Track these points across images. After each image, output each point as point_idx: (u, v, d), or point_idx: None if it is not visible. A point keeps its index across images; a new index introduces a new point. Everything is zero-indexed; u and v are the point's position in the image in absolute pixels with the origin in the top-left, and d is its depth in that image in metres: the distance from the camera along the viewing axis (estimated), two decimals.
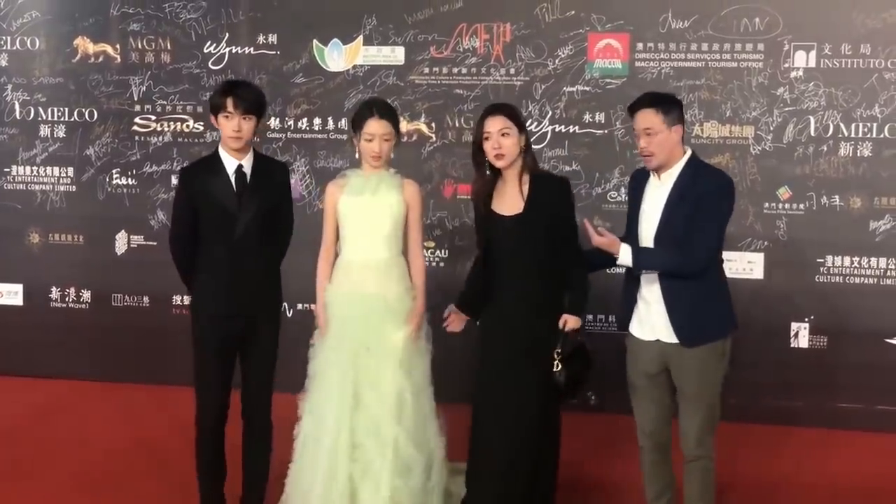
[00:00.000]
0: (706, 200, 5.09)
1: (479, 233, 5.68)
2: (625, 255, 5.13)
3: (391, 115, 5.63)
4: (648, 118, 5.16)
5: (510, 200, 5.46)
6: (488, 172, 5.53)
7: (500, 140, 5.36)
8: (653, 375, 5.32)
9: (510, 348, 5.48)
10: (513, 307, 5.49)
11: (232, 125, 5.49)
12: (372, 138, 5.55)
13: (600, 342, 5.96)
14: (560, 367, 5.30)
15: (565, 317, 5.37)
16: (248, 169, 5.61)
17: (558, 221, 5.40)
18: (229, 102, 5.47)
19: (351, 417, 5.49)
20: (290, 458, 5.72)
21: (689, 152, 5.24)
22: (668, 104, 5.19)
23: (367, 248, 5.66)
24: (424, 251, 6.02)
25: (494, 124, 5.39)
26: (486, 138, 5.40)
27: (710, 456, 5.34)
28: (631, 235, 5.33)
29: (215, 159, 5.65)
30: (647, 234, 5.23)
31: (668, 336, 5.21)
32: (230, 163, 5.60)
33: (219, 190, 5.57)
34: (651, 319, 5.27)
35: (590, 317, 7.60)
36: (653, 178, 5.27)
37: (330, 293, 5.70)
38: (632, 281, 5.35)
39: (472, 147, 5.54)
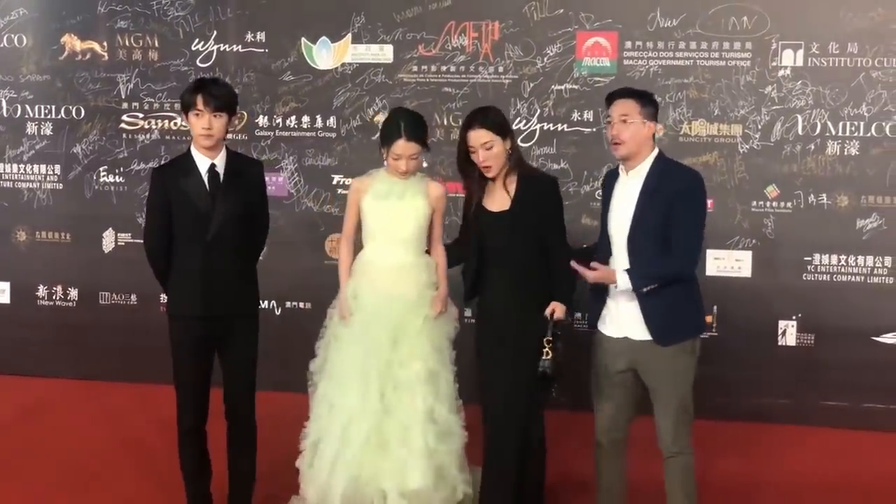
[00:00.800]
0: (684, 200, 5.13)
1: (463, 224, 5.76)
2: (623, 282, 5.14)
3: (419, 135, 5.62)
4: (627, 106, 5.20)
5: (498, 199, 5.52)
6: (478, 177, 5.57)
7: (486, 154, 5.42)
8: (618, 373, 5.34)
9: (496, 345, 5.54)
10: (500, 303, 5.56)
11: (202, 123, 5.45)
12: (399, 157, 5.59)
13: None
14: (550, 354, 5.31)
15: (553, 304, 5.41)
16: (221, 168, 5.56)
17: (545, 220, 5.45)
18: (199, 100, 5.43)
19: (377, 404, 5.53)
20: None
21: (657, 150, 5.28)
22: (648, 99, 5.27)
23: (392, 250, 5.73)
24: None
25: (478, 138, 5.43)
26: (472, 152, 5.45)
27: (688, 452, 5.37)
28: (603, 236, 5.39)
29: (188, 158, 5.60)
30: (619, 231, 5.25)
31: (638, 333, 5.24)
32: (203, 162, 5.55)
33: (191, 190, 5.53)
34: (620, 317, 5.30)
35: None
36: (622, 176, 5.32)
37: (352, 290, 5.74)
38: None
39: (457, 155, 5.58)
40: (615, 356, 5.34)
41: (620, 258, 5.24)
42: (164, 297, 8.20)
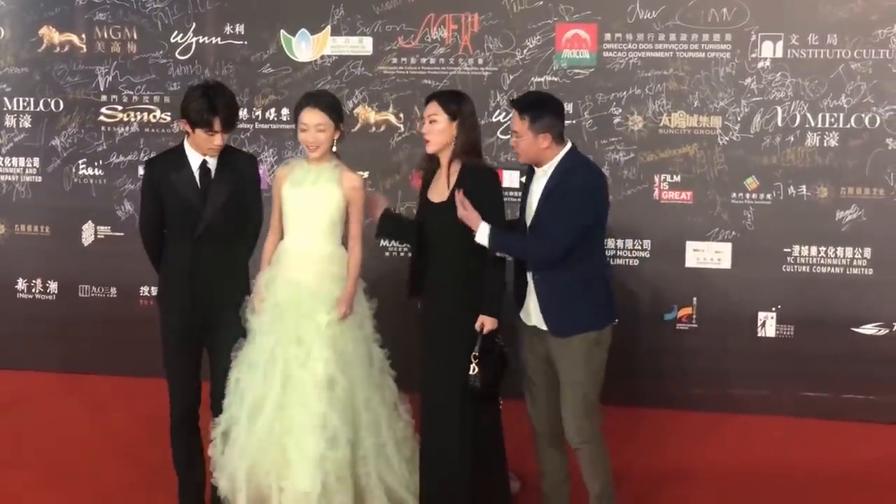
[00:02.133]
0: (562, 198, 5.23)
1: (416, 216, 5.78)
2: (481, 235, 5.28)
3: (326, 106, 5.63)
4: (516, 122, 5.33)
5: (440, 188, 5.53)
6: (428, 155, 5.63)
7: (428, 126, 5.48)
8: (539, 361, 5.49)
9: (431, 341, 5.58)
10: (435, 297, 5.58)
11: (216, 141, 5.52)
12: (306, 128, 5.60)
13: None
14: (476, 370, 5.36)
15: (481, 318, 5.42)
16: (212, 164, 5.63)
17: (481, 212, 5.35)
18: (217, 122, 5.47)
19: (279, 393, 5.52)
20: None
21: (566, 148, 5.36)
22: (539, 113, 5.30)
23: (305, 239, 5.72)
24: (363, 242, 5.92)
25: (427, 109, 5.51)
26: (421, 122, 5.57)
27: (594, 441, 5.46)
28: (520, 227, 5.50)
29: (180, 153, 5.67)
30: (528, 227, 5.41)
31: (541, 323, 5.40)
32: (195, 158, 5.62)
33: (182, 185, 5.60)
34: (530, 307, 5.47)
35: None
36: (536, 174, 5.44)
37: (266, 277, 5.72)
38: (521, 268, 5.50)
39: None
40: (532, 343, 5.51)
41: None
42: (143, 290, 8.35)
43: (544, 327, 5.37)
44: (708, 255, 7.82)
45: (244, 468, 5.49)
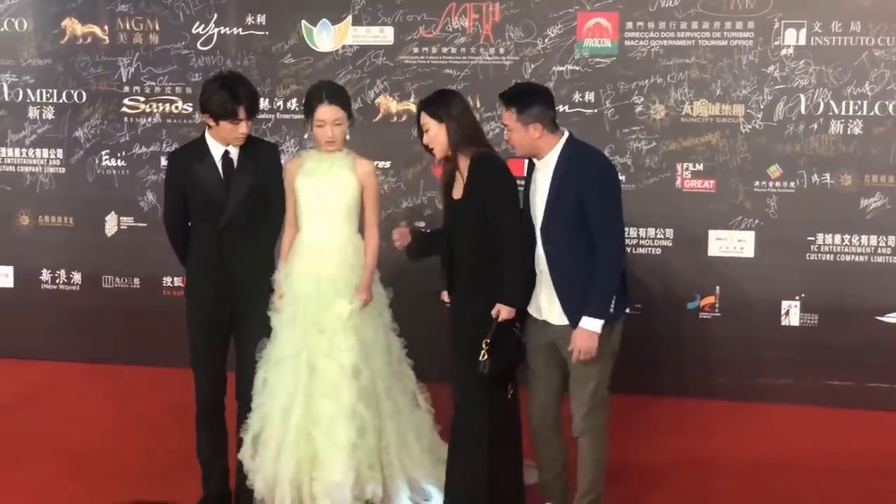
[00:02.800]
0: (593, 191, 5.23)
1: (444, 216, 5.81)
2: (594, 324, 5.24)
3: (341, 100, 5.67)
4: (505, 116, 5.37)
5: (460, 185, 5.55)
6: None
7: (426, 135, 5.53)
8: (542, 353, 5.51)
9: (455, 333, 5.62)
10: (457, 291, 5.61)
11: (241, 129, 5.56)
12: (323, 124, 5.60)
13: None
14: (486, 356, 5.37)
15: (498, 306, 5.42)
16: (234, 154, 5.67)
17: (490, 206, 5.42)
18: (241, 111, 5.51)
19: (306, 387, 5.56)
20: None
21: (563, 138, 5.38)
22: (525, 103, 5.32)
23: (322, 229, 5.73)
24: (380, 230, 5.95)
25: (421, 120, 5.55)
26: (424, 131, 5.57)
27: (598, 432, 5.51)
28: (525, 220, 5.49)
29: (202, 144, 5.72)
30: (536, 222, 5.42)
31: (554, 318, 5.41)
32: (217, 149, 5.66)
33: (205, 176, 5.64)
34: (540, 302, 5.48)
35: None
36: (538, 165, 5.46)
37: (285, 271, 5.75)
38: (530, 263, 5.50)
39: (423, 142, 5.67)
40: (538, 336, 5.51)
41: (539, 244, 5.41)
42: (166, 281, 8.41)
43: (557, 322, 5.39)
44: (731, 243, 7.80)
45: (285, 467, 5.53)
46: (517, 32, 7.93)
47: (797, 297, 7.79)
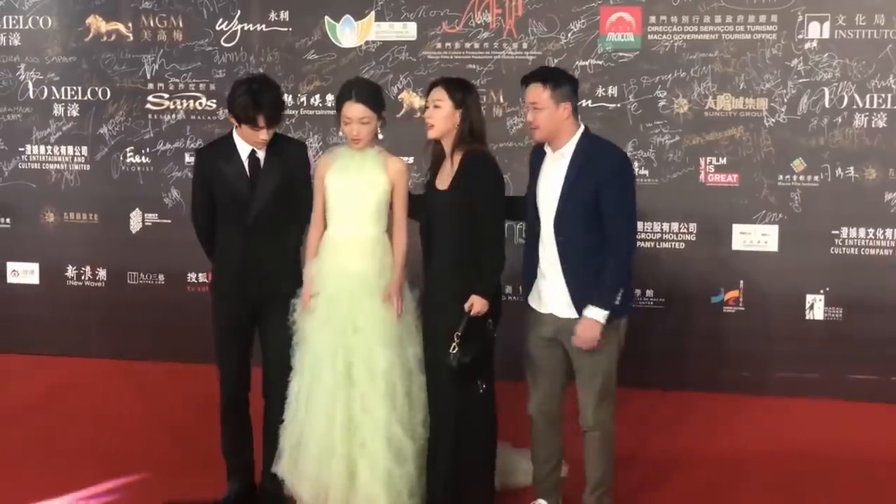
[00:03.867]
0: (611, 185, 5.28)
1: (419, 204, 5.78)
2: (600, 314, 5.29)
3: (369, 98, 5.63)
4: (536, 92, 5.33)
5: (446, 175, 5.56)
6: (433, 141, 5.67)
7: (431, 111, 5.53)
8: (546, 347, 5.53)
9: (429, 326, 5.63)
10: (434, 285, 5.61)
11: (261, 136, 5.60)
12: (349, 122, 5.60)
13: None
14: (455, 349, 5.36)
15: (472, 298, 5.42)
16: (261, 154, 5.71)
17: (479, 201, 5.43)
18: (261, 119, 5.54)
19: (344, 395, 5.56)
20: None
21: (581, 128, 5.42)
22: (558, 80, 5.35)
23: (352, 226, 5.70)
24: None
25: (432, 95, 5.55)
26: (425, 107, 5.61)
27: (608, 427, 5.53)
28: (529, 213, 5.54)
29: (229, 143, 5.76)
30: (548, 212, 5.41)
31: (561, 310, 5.42)
32: (244, 148, 5.70)
33: (231, 175, 5.69)
34: (545, 293, 5.50)
35: None
36: (548, 155, 5.46)
37: (315, 269, 5.73)
38: (531, 254, 5.54)
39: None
40: (542, 329, 5.52)
41: (548, 235, 5.42)
42: (191, 277, 8.46)
43: (564, 315, 5.41)
44: (755, 237, 7.83)
45: (339, 468, 5.54)
46: (540, 27, 7.97)
47: (821, 291, 7.79)
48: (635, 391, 7.01)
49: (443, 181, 5.57)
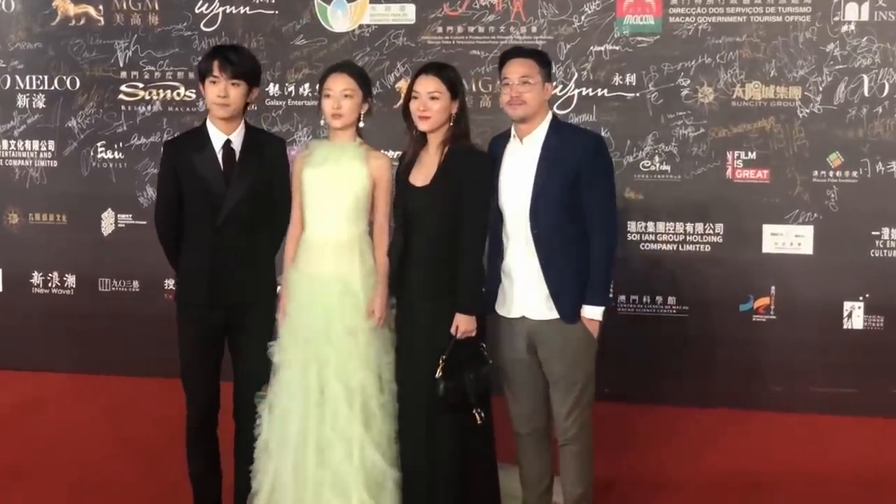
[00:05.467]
0: (592, 169, 5.23)
1: (395, 205, 5.55)
2: (597, 311, 5.26)
3: (354, 70, 5.52)
4: (528, 66, 5.29)
5: (426, 171, 5.36)
6: (415, 135, 5.46)
7: (428, 103, 5.29)
8: (523, 357, 5.37)
9: (405, 337, 5.42)
10: (412, 290, 5.38)
11: (217, 90, 5.40)
12: (331, 93, 5.40)
13: None
14: (441, 374, 5.18)
15: (456, 319, 5.23)
16: (237, 144, 5.51)
17: (463, 200, 5.26)
18: (215, 65, 5.38)
19: (317, 413, 5.35)
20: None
21: (551, 113, 5.40)
22: (545, 59, 5.40)
23: (328, 225, 5.46)
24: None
25: (425, 85, 5.32)
26: (415, 97, 5.34)
27: (587, 439, 5.43)
28: (493, 208, 5.41)
29: (202, 132, 5.58)
30: (518, 203, 5.28)
31: (536, 313, 5.28)
32: (217, 137, 5.50)
33: (203, 167, 5.48)
34: (513, 294, 5.35)
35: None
36: (513, 143, 5.38)
37: (290, 276, 5.54)
38: (495, 257, 5.43)
39: (402, 107, 5.46)
40: (514, 339, 5.38)
41: (517, 229, 5.28)
42: (168, 284, 8.30)
43: (538, 317, 5.27)
44: (787, 239, 7.68)
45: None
46: (551, 9, 7.84)
47: (860, 298, 7.65)
48: (658, 407, 7.18)
49: (420, 177, 5.37)
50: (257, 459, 5.53)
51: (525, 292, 5.28)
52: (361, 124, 5.51)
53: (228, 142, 5.48)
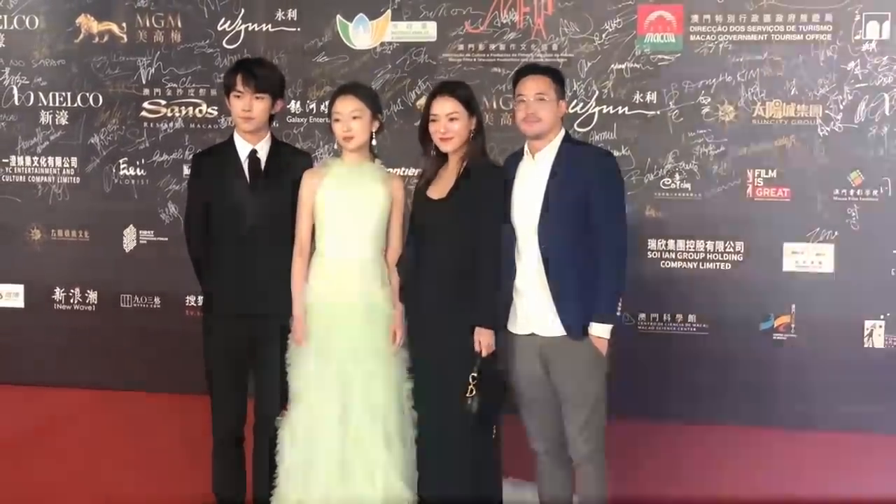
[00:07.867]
0: (604, 186, 5.34)
1: (410, 219, 5.67)
2: (605, 329, 5.32)
3: (361, 91, 5.63)
4: (544, 83, 5.42)
5: (444, 184, 5.49)
6: (434, 154, 5.59)
7: (448, 125, 5.43)
8: (535, 373, 5.42)
9: (421, 352, 5.54)
10: (426, 318, 5.49)
11: (242, 104, 5.56)
12: (340, 117, 5.53)
13: None
14: (474, 392, 5.28)
15: (477, 334, 5.34)
16: (262, 155, 5.66)
17: (479, 211, 5.37)
18: (239, 80, 5.54)
19: (340, 432, 5.46)
20: None
21: (563, 131, 5.49)
22: (559, 77, 5.53)
23: (352, 246, 5.57)
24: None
25: (443, 107, 5.46)
26: (434, 120, 5.47)
27: (598, 459, 5.43)
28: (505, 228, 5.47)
29: (228, 145, 5.73)
30: (528, 219, 5.37)
31: (544, 328, 5.35)
32: (243, 147, 5.66)
33: (229, 177, 5.63)
34: (524, 311, 5.42)
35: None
36: (526, 160, 5.48)
37: (310, 298, 5.59)
38: (507, 273, 5.46)
39: (419, 129, 5.61)
40: (526, 355, 5.43)
41: (527, 245, 5.36)
42: (189, 300, 8.39)
43: (548, 333, 5.33)
44: (808, 257, 7.72)
45: None
46: (572, 27, 7.89)
47: (882, 317, 7.68)
48: (678, 426, 7.12)
49: (439, 190, 5.51)
50: (280, 486, 5.60)
51: (534, 309, 5.34)
52: (374, 142, 5.62)
53: (254, 151, 5.63)
